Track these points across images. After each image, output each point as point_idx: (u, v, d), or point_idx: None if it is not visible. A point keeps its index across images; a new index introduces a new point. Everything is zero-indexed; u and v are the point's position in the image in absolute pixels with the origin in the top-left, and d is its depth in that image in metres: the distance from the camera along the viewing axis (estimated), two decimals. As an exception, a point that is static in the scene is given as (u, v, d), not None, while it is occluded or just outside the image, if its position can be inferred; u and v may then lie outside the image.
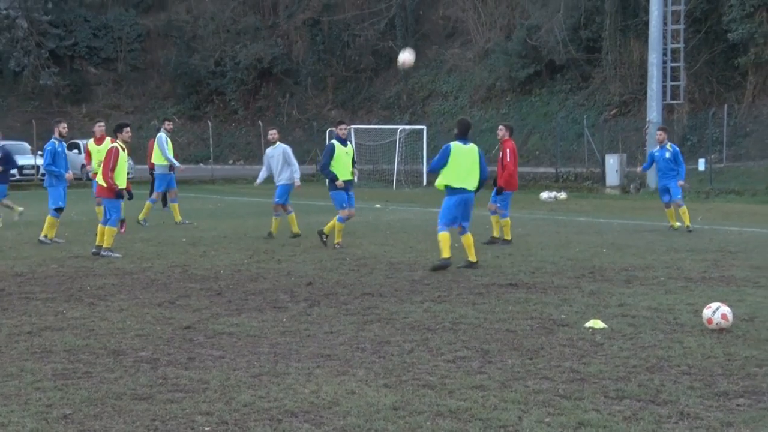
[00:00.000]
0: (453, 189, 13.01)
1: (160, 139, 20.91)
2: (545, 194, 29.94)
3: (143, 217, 20.07)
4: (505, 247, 15.67)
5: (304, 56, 54.30)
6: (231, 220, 21.39)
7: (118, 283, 11.96)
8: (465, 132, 13.31)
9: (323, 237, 15.96)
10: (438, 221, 13.24)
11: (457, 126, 13.54)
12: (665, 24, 33.87)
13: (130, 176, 17.44)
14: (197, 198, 29.58)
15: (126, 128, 15.22)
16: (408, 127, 42.19)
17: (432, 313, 9.71)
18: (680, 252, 14.92)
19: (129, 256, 14.67)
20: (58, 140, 16.88)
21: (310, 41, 53.80)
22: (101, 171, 15.03)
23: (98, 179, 15.37)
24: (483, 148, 49.27)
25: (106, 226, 14.80)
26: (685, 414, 6.13)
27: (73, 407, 6.40)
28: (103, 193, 15.06)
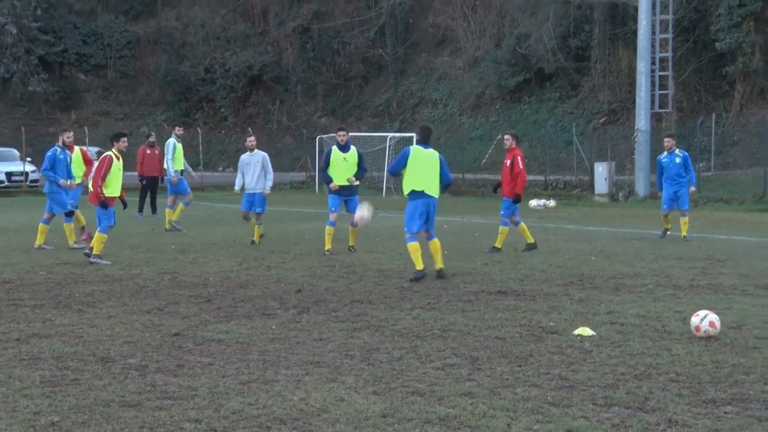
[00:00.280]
0: (416, 193, 12.85)
1: (168, 145, 21.22)
2: (534, 202, 30.00)
3: (176, 219, 20.44)
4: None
5: (294, 63, 54.32)
6: (220, 227, 21.37)
7: (107, 290, 11.93)
8: (427, 138, 13.28)
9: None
10: (405, 231, 13.11)
11: (419, 132, 13.53)
12: (653, 33, 34.03)
13: None
14: (188, 205, 29.50)
15: (123, 138, 15.35)
16: (398, 135, 42.23)
17: (421, 321, 9.72)
18: (668, 260, 14.98)
19: (118, 263, 14.63)
20: (61, 148, 16.99)
21: (300, 49, 53.83)
22: (92, 178, 15.04)
23: (91, 187, 15.40)
24: (472, 156, 49.21)
25: (96, 233, 14.84)
26: (674, 421, 6.15)
27: (61, 414, 6.37)
28: (93, 200, 15.06)
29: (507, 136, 16.77)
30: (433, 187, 12.96)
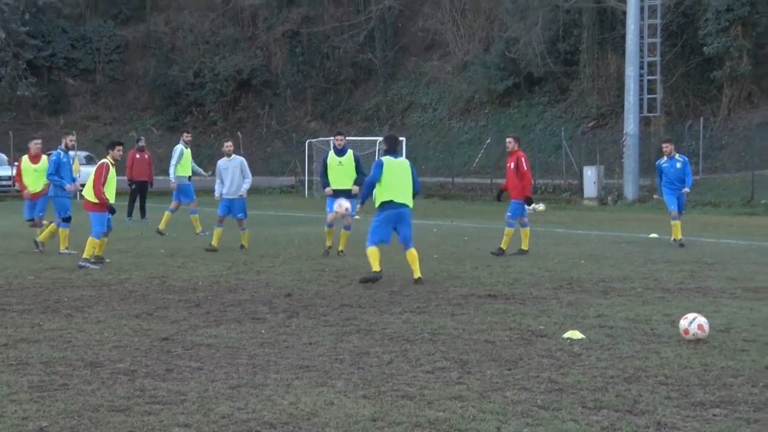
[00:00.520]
0: (389, 203, 12.74)
1: (175, 151, 21.45)
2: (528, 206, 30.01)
3: (200, 229, 20.48)
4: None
5: (284, 68, 54.30)
6: (209, 231, 21.29)
7: (96, 295, 11.90)
8: (394, 147, 13.27)
9: (328, 250, 16.21)
10: (367, 238, 13.10)
11: (386, 142, 13.43)
12: (642, 37, 34.15)
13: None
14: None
15: (118, 146, 15.52)
16: (387, 139, 42.16)
17: (411, 324, 9.72)
18: (657, 263, 15.02)
19: (107, 268, 14.59)
20: (64, 151, 17.00)
21: (290, 53, 53.81)
22: (92, 186, 15.07)
23: (85, 194, 15.44)
24: (462, 160, 49.26)
25: (89, 237, 14.94)
26: (662, 424, 6.16)
27: (50, 419, 6.35)
28: (89, 207, 15.19)
29: (509, 139, 16.79)
30: (407, 197, 12.90)
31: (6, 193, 37.56)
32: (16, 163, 16.76)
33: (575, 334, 8.96)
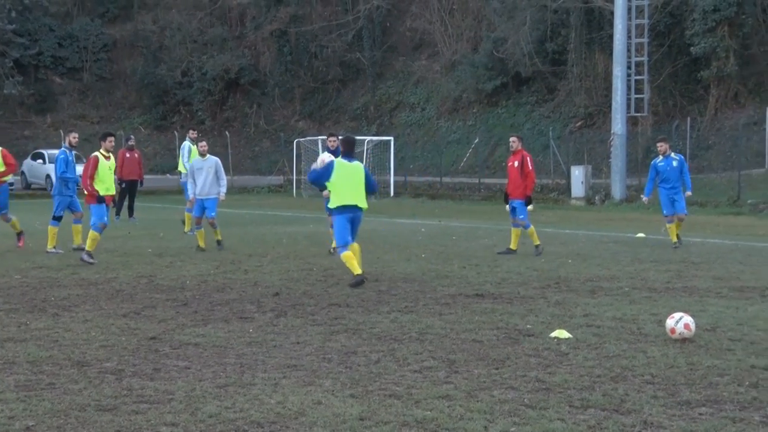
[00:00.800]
0: (343, 207, 12.83)
1: (183, 148, 21.48)
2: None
3: (188, 229, 20.29)
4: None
5: (272, 67, 54.25)
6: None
7: (83, 294, 11.87)
8: (350, 150, 13.28)
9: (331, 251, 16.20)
10: (336, 244, 13.16)
11: (342, 144, 13.46)
12: (629, 37, 34.25)
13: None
14: (164, 208, 29.43)
15: (109, 137, 15.78)
16: (375, 138, 42.27)
17: (399, 324, 9.73)
18: (644, 263, 15.07)
19: (94, 267, 14.56)
20: (69, 149, 17.08)
21: (278, 52, 53.76)
22: (82, 178, 15.56)
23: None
24: (450, 160, 49.18)
25: (90, 230, 15.21)
26: (649, 423, 6.19)
27: (36, 419, 6.33)
28: (89, 200, 15.51)
29: (513, 138, 16.83)
30: (361, 200, 12.96)
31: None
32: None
33: (562, 334, 8.99)
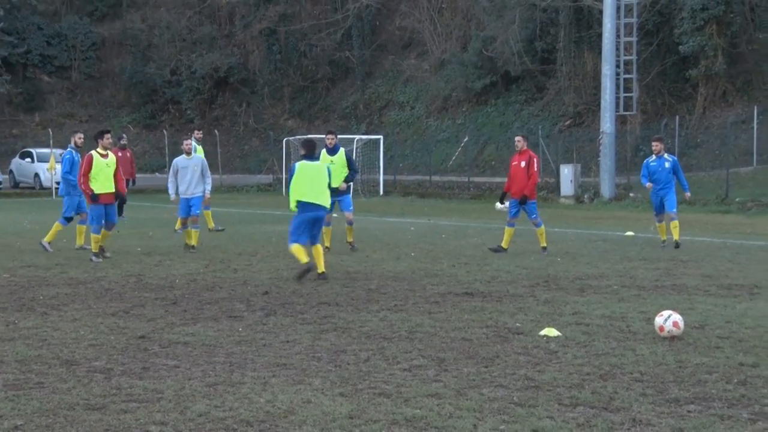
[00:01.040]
0: (306, 205, 13.04)
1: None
2: (500, 204, 30.07)
3: (212, 225, 20.56)
4: (543, 256, 15.88)
5: (261, 66, 54.17)
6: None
7: (72, 293, 11.83)
8: (311, 152, 13.43)
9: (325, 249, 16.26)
10: (288, 237, 13.32)
11: (303, 147, 13.64)
12: (618, 36, 34.32)
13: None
14: (153, 207, 29.37)
15: (105, 135, 15.77)
16: (365, 137, 42.26)
17: (388, 322, 9.73)
18: (633, 261, 15.11)
19: (82, 266, 14.52)
20: (75, 150, 17.07)
21: (267, 51, 53.69)
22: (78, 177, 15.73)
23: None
24: (439, 158, 49.18)
25: (91, 233, 15.46)
26: (638, 420, 6.21)
27: (25, 418, 6.31)
28: (88, 201, 15.61)
29: (518, 138, 16.78)
30: (323, 198, 13.18)
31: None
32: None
33: (552, 332, 9.01)
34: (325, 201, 13.22)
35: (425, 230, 21.67)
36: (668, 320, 8.77)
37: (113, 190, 15.50)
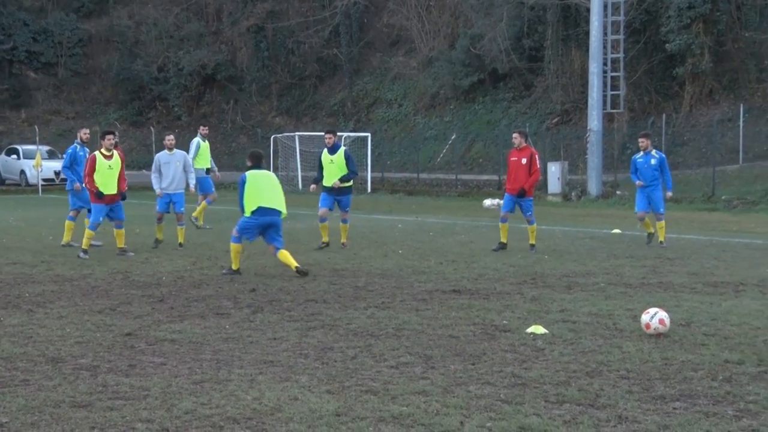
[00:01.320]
0: (262, 209, 13.15)
1: (191, 144, 21.46)
2: (488, 201, 30.18)
3: (201, 222, 20.55)
4: (531, 253, 15.90)
5: (249, 63, 54.06)
6: (173, 227, 21.15)
7: (58, 290, 11.79)
8: (258, 162, 13.60)
9: (322, 245, 16.52)
10: (233, 231, 13.45)
11: (250, 159, 13.73)
12: (605, 34, 34.40)
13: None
14: (140, 204, 29.26)
15: (108, 135, 15.73)
16: (353, 134, 42.24)
17: (375, 320, 9.73)
18: (620, 258, 15.16)
19: (69, 263, 14.47)
20: (80, 145, 17.05)
21: (255, 48, 53.58)
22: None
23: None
24: (427, 156, 49.05)
25: (87, 229, 15.63)
26: (624, 417, 6.23)
27: (10, 415, 6.29)
28: (92, 199, 15.70)
29: (515, 134, 16.53)
30: (278, 203, 13.33)
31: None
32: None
33: (538, 329, 9.03)
34: (280, 205, 13.34)
35: (413, 228, 21.68)
36: (654, 317, 8.80)
37: (116, 192, 15.55)
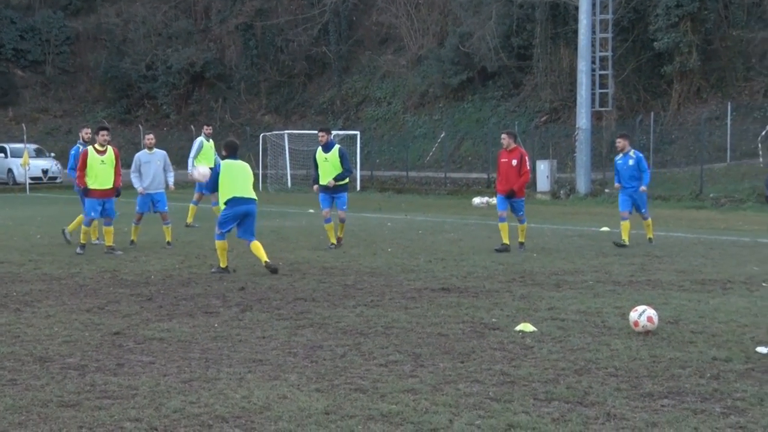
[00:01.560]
0: (236, 199, 13.24)
1: (194, 143, 21.47)
2: (477, 200, 30.20)
3: (191, 221, 20.59)
4: (520, 251, 15.88)
5: (237, 61, 53.98)
6: (162, 225, 21.11)
7: (45, 289, 11.75)
8: (233, 152, 13.63)
9: (331, 246, 16.50)
10: (216, 228, 13.50)
11: (225, 148, 13.77)
12: (594, 32, 34.48)
13: (59, 180, 17.48)
14: (127, 203, 29.17)
15: (102, 131, 15.76)
16: (342, 133, 42.21)
17: (364, 318, 9.73)
18: (608, 256, 15.19)
19: (57, 262, 14.42)
20: (83, 145, 17.04)
21: (243, 46, 53.50)
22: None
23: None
24: (416, 154, 49.08)
25: (81, 225, 15.86)
26: (612, 415, 6.24)
27: (-2, 415, 6.26)
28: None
29: (504, 135, 16.39)
30: (250, 192, 13.47)
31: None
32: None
33: (527, 327, 9.04)
34: (253, 194, 13.48)
35: (402, 226, 21.68)
36: (643, 315, 8.82)
37: (110, 187, 15.63)
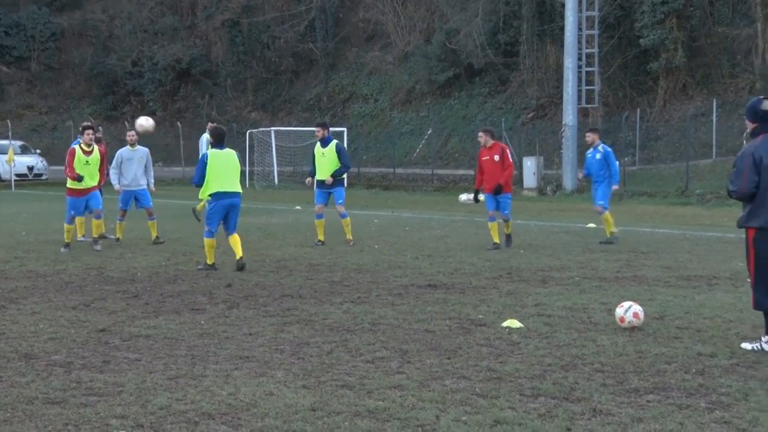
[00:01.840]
0: (220, 193, 13.20)
1: (201, 141, 21.32)
2: (464, 196, 30.21)
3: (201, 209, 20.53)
4: (506, 248, 15.81)
5: (224, 57, 53.84)
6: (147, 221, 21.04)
7: (31, 286, 11.70)
8: (220, 140, 13.58)
9: (318, 243, 16.46)
10: (204, 226, 13.47)
11: (212, 135, 13.76)
12: (580, 29, 34.55)
13: (44, 177, 17.42)
14: (113, 199, 29.08)
15: (86, 131, 15.83)
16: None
17: (351, 314, 9.73)
18: (595, 252, 15.23)
19: (42, 258, 14.36)
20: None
21: (230, 42, 53.36)
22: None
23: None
24: (403, 151, 49.06)
25: (64, 223, 15.87)
26: (598, 410, 6.26)
27: (-17, 413, 6.24)
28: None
29: (480, 134, 16.25)
30: (236, 185, 13.44)
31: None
32: None
33: (514, 323, 9.06)
34: (238, 187, 13.46)
35: (389, 222, 21.69)
36: (629, 311, 8.86)
37: (95, 184, 15.74)
